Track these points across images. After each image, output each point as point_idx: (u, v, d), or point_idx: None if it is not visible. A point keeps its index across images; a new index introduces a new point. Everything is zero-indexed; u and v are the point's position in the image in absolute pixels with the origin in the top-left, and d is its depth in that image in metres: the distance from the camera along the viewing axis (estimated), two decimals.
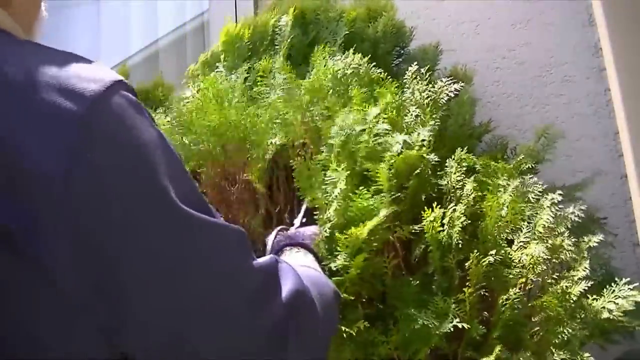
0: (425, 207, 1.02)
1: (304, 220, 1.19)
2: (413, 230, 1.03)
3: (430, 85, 1.16)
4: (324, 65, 1.23)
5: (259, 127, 1.24)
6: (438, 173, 1.11)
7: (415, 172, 1.06)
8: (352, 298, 0.98)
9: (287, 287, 0.70)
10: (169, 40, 2.58)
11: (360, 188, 1.02)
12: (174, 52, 2.51)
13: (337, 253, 0.99)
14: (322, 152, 1.12)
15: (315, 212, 1.10)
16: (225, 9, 2.16)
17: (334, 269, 1.00)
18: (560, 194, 1.05)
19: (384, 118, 1.11)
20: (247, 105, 1.28)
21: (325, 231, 1.03)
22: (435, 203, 1.01)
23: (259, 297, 0.67)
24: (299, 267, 0.81)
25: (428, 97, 1.14)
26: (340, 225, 1.02)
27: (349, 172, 1.04)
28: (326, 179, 1.05)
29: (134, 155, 0.59)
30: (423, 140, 1.07)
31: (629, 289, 1.00)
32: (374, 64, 1.25)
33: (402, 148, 1.04)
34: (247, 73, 1.38)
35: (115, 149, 0.58)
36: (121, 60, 2.38)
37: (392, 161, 1.04)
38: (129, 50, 2.58)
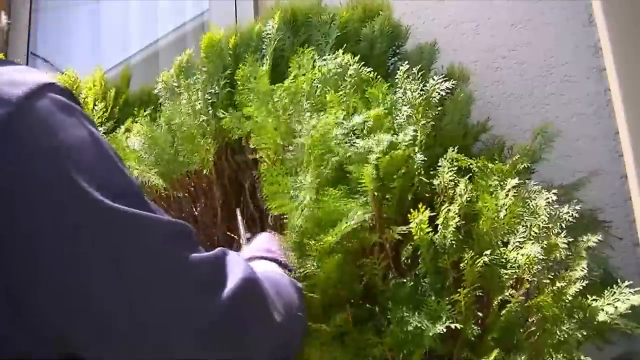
0: (412, 209, 1.01)
1: (248, 235, 1.19)
2: (401, 232, 1.02)
3: (423, 84, 1.16)
4: (311, 66, 1.23)
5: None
6: (432, 172, 1.10)
7: (401, 172, 1.05)
8: (317, 296, 0.98)
9: (235, 276, 0.69)
10: (169, 40, 2.59)
11: (330, 189, 1.01)
12: (174, 52, 2.51)
13: (306, 258, 0.98)
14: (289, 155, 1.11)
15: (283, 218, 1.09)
16: (225, 9, 2.16)
17: (302, 274, 0.99)
18: (555, 194, 1.05)
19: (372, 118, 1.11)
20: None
21: (293, 237, 1.02)
22: (428, 203, 1.01)
23: (199, 289, 0.66)
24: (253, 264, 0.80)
25: (420, 96, 1.13)
26: (309, 231, 1.01)
27: (318, 176, 1.03)
28: (296, 184, 1.04)
29: (54, 158, 0.60)
30: (410, 140, 1.06)
31: (629, 292, 1.00)
32: (364, 63, 1.24)
33: (387, 148, 1.03)
34: (227, 80, 1.38)
35: (34, 153, 0.59)
36: (121, 60, 2.38)
37: (376, 162, 1.03)
38: (129, 50, 2.58)
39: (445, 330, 0.93)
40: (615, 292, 1.03)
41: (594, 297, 1.03)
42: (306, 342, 0.96)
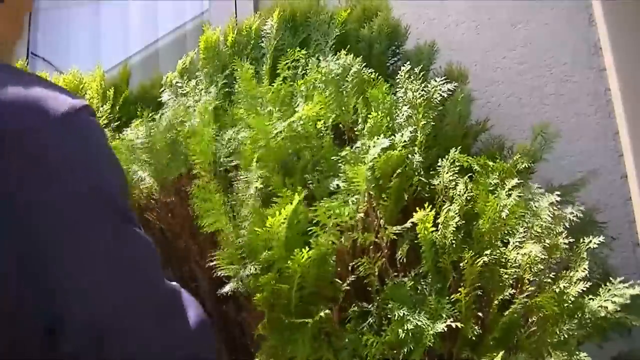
0: (412, 209, 1.02)
1: None
2: (397, 232, 1.02)
3: (424, 85, 1.16)
4: (316, 66, 1.23)
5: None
6: (432, 173, 1.10)
7: (397, 172, 1.06)
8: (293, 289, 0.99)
9: (192, 315, 0.73)
10: (169, 40, 2.59)
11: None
12: (174, 52, 2.51)
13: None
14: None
15: None
16: (225, 9, 2.16)
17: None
18: (558, 194, 1.05)
19: (376, 119, 1.11)
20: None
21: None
22: (428, 203, 1.01)
23: (168, 311, 0.70)
24: None
25: (421, 96, 1.13)
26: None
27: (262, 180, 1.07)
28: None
29: (87, 172, 0.67)
30: (406, 140, 1.06)
31: (624, 287, 1.00)
32: (365, 64, 1.24)
33: (383, 149, 1.05)
34: (226, 80, 1.39)
35: (73, 166, 0.65)
36: (121, 60, 2.38)
37: (372, 163, 1.04)
38: (129, 50, 2.58)
39: (445, 329, 0.93)
40: (610, 289, 1.03)
41: (590, 296, 1.03)
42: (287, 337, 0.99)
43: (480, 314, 0.99)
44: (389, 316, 0.98)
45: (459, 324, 0.93)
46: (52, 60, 2.55)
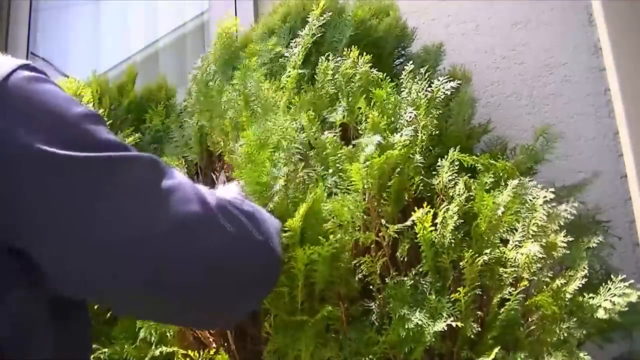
0: (413, 208, 1.02)
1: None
2: (397, 230, 1.02)
3: (427, 85, 1.16)
4: (325, 65, 1.24)
5: None
6: (434, 173, 1.11)
7: (397, 171, 1.06)
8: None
9: (212, 196, 0.76)
10: (169, 40, 2.59)
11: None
12: (174, 52, 2.51)
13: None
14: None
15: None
16: (225, 9, 2.16)
17: None
18: (552, 192, 1.05)
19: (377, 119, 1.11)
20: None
21: None
22: (428, 203, 1.01)
23: (186, 203, 0.72)
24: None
25: (425, 96, 1.14)
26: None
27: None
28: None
29: (29, 125, 0.67)
30: (406, 140, 1.06)
31: (624, 286, 1.00)
32: (371, 64, 1.25)
33: (382, 148, 1.05)
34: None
35: (13, 124, 0.66)
36: (121, 60, 2.38)
37: (370, 162, 1.04)
38: (129, 50, 2.58)
39: (445, 328, 0.93)
40: (610, 288, 1.03)
41: (591, 294, 1.03)
42: (292, 335, 0.99)
43: (479, 313, 1.00)
44: (390, 315, 0.98)
45: (459, 323, 0.93)
46: (51, 60, 2.56)
